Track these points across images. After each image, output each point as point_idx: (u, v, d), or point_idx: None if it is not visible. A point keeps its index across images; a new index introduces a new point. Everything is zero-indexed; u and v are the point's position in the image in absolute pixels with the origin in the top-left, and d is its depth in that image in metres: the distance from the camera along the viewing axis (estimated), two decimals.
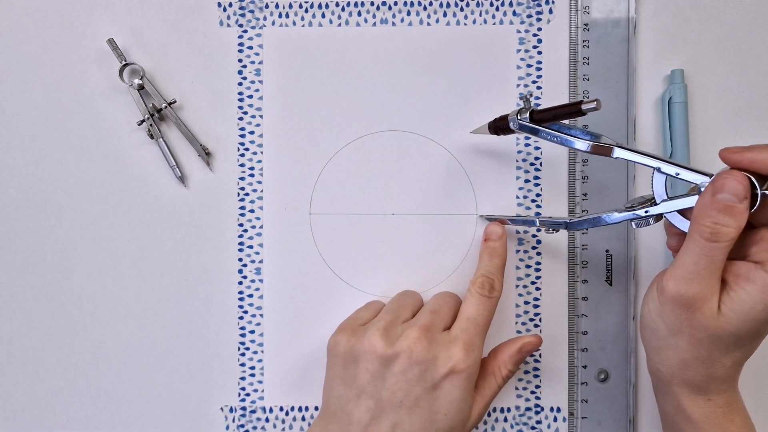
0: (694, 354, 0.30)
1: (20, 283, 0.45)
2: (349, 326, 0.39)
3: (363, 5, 0.45)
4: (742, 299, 0.28)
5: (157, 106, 0.44)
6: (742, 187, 0.28)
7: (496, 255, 0.40)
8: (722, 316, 0.28)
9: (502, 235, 0.41)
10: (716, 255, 0.28)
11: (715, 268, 0.28)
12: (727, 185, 0.28)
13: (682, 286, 0.29)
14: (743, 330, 0.28)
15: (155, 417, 0.45)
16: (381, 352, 0.35)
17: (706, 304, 0.29)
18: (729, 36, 0.45)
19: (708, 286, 0.29)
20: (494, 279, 0.39)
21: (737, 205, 0.28)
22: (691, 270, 0.29)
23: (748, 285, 0.28)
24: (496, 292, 0.38)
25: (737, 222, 0.28)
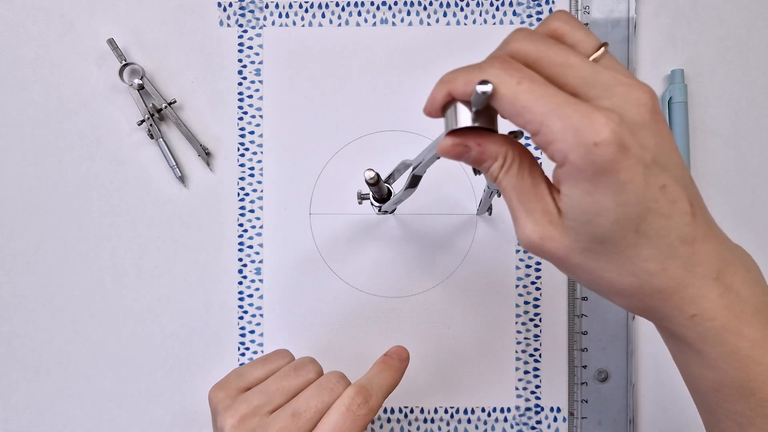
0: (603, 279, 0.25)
1: (20, 283, 0.45)
2: (230, 385, 0.36)
3: (363, 5, 0.45)
4: (569, 204, 0.24)
5: (157, 106, 0.44)
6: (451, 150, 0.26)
7: (389, 370, 0.36)
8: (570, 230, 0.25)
9: (405, 358, 0.37)
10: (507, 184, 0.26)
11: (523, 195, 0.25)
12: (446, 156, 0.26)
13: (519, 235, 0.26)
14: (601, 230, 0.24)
15: (155, 417, 0.45)
16: None
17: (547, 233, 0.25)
18: (729, 36, 0.45)
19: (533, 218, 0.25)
20: (371, 393, 0.33)
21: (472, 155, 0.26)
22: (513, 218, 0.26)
23: (563, 187, 0.24)
24: (368, 409, 0.33)
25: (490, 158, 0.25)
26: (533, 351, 0.45)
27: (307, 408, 0.33)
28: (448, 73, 0.25)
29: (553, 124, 0.22)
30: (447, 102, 0.25)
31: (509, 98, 0.23)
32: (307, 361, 0.36)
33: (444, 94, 0.25)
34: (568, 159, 0.23)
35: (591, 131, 0.22)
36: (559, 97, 0.23)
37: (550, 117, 0.22)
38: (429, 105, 0.26)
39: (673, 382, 0.45)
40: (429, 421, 0.45)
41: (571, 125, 0.22)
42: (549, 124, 0.23)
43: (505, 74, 0.23)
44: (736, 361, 0.25)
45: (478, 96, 0.23)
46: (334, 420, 0.32)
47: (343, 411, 0.33)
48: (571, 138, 0.22)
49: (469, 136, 0.25)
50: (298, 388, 0.35)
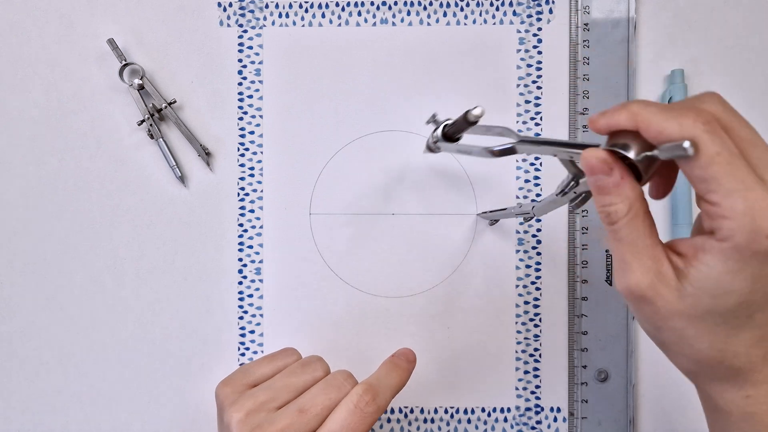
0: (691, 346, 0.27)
1: (20, 283, 0.45)
2: (237, 381, 0.36)
3: (363, 5, 0.45)
4: (704, 273, 0.25)
5: (157, 106, 0.44)
6: (599, 163, 0.26)
7: (396, 370, 0.36)
8: (689, 296, 0.25)
9: (412, 360, 0.37)
10: (626, 236, 0.26)
11: (638, 249, 0.26)
12: (585, 165, 0.26)
13: (622, 281, 0.27)
14: (723, 306, 0.25)
15: (155, 417, 0.45)
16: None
17: (657, 288, 0.26)
18: (729, 36, 0.45)
19: (645, 268, 0.26)
20: (379, 391, 0.34)
21: (606, 181, 0.26)
22: (619, 261, 0.27)
23: (705, 256, 0.25)
24: (376, 407, 0.33)
25: (620, 196, 0.26)
26: (533, 351, 0.45)
27: (314, 404, 0.33)
28: (639, 107, 0.25)
29: (736, 203, 0.23)
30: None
31: (704, 164, 0.24)
32: (315, 359, 0.37)
33: (630, 125, 0.25)
34: (733, 238, 0.24)
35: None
36: (749, 179, 0.23)
37: (735, 195, 0.23)
38: (604, 126, 0.26)
39: (673, 382, 0.45)
40: (429, 421, 0.45)
41: (751, 209, 0.23)
42: (732, 201, 0.23)
43: (708, 137, 0.24)
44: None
45: (675, 150, 0.23)
46: (341, 417, 0.33)
47: (351, 408, 0.33)
48: (747, 222, 0.23)
49: (619, 163, 0.26)
50: (305, 386, 0.35)
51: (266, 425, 0.33)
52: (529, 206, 0.38)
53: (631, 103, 0.26)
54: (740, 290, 0.25)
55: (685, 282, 0.25)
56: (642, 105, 0.25)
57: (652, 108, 0.25)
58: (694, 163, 0.24)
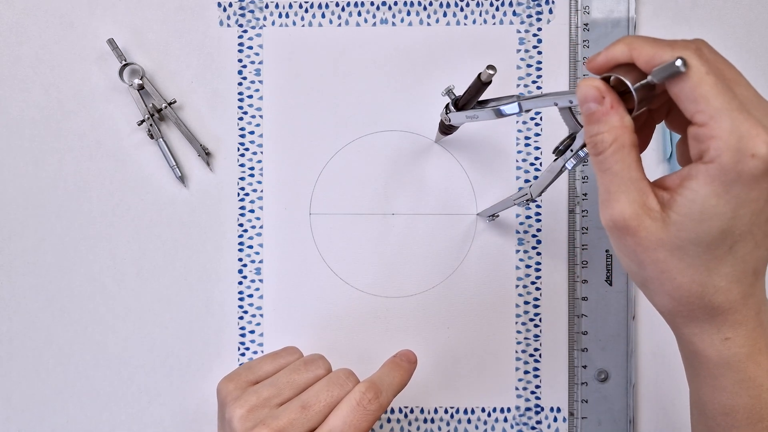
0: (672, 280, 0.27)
1: (20, 283, 0.45)
2: (240, 378, 0.36)
3: (363, 5, 0.45)
4: (690, 199, 0.25)
5: (157, 106, 0.44)
6: (592, 89, 0.26)
7: (398, 370, 0.36)
8: (673, 224, 0.25)
9: (413, 361, 0.38)
10: (611, 166, 0.26)
11: (624, 180, 0.26)
12: (579, 94, 0.26)
13: (606, 212, 0.27)
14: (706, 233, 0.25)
15: (155, 417, 0.45)
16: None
17: (641, 218, 0.26)
18: (729, 36, 0.45)
19: (630, 199, 0.26)
20: (381, 390, 0.34)
21: (597, 108, 0.26)
22: (604, 192, 0.27)
23: (691, 182, 0.25)
24: (378, 405, 0.33)
25: (607, 125, 0.26)
26: (533, 351, 0.45)
27: (317, 401, 0.33)
28: (633, 38, 0.26)
29: (723, 122, 0.24)
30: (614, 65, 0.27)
31: (694, 83, 0.24)
32: (317, 357, 0.37)
33: (625, 56, 0.26)
34: (718, 158, 0.24)
35: (754, 142, 0.23)
36: (735, 102, 0.24)
37: (723, 115, 0.24)
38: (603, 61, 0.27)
39: (673, 382, 0.45)
40: (429, 421, 0.45)
41: (737, 129, 0.23)
42: (719, 120, 0.24)
43: (698, 60, 0.24)
44: (751, 388, 0.28)
45: (667, 69, 0.24)
46: (344, 414, 0.33)
47: (353, 405, 0.33)
48: (734, 141, 0.23)
49: (611, 92, 0.26)
50: (307, 383, 0.35)
51: (269, 420, 0.33)
52: (527, 188, 0.38)
53: (626, 36, 0.27)
54: (724, 215, 0.25)
55: (670, 211, 0.26)
56: (635, 36, 0.26)
57: (646, 38, 0.26)
58: (684, 83, 0.24)
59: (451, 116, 0.38)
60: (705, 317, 0.27)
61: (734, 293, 0.27)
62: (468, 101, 0.36)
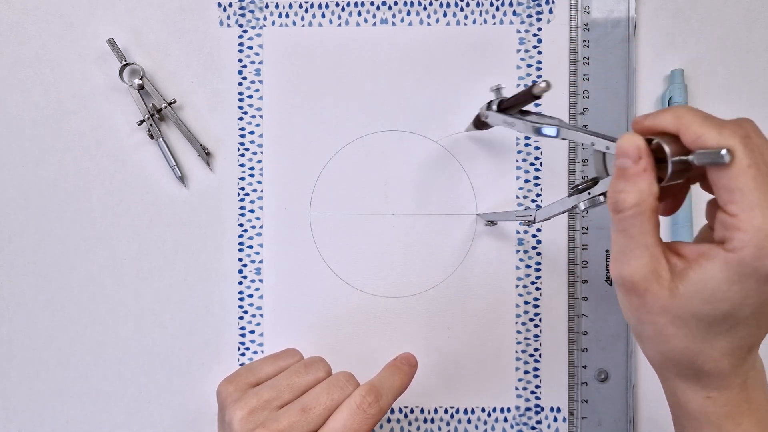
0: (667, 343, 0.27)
1: (20, 283, 0.45)
2: (240, 379, 0.36)
3: (363, 5, 0.45)
4: (702, 278, 0.25)
5: (157, 106, 0.44)
6: (632, 147, 0.26)
7: (399, 373, 0.36)
8: (680, 297, 0.26)
9: (414, 364, 0.38)
10: (629, 227, 0.26)
11: (639, 243, 0.26)
12: (619, 146, 0.26)
13: (617, 269, 0.27)
14: (710, 313, 0.25)
15: (155, 417, 0.45)
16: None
17: (649, 283, 0.26)
18: (729, 36, 0.45)
19: (641, 263, 0.26)
20: (381, 393, 0.34)
21: (630, 167, 0.26)
22: (617, 250, 0.27)
23: (707, 263, 0.25)
24: (378, 408, 0.33)
25: (635, 186, 0.26)
26: (533, 351, 0.45)
27: (317, 404, 0.34)
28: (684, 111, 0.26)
29: (754, 218, 0.24)
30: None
31: (733, 174, 0.24)
32: (318, 360, 0.37)
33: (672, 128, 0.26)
34: (741, 251, 0.24)
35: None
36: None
37: (755, 210, 0.24)
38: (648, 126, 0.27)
39: None
40: (429, 421, 0.45)
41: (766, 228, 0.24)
42: (750, 216, 0.24)
43: (744, 149, 0.24)
44: None
45: (711, 156, 0.24)
46: (344, 417, 0.33)
47: (353, 409, 0.33)
48: (761, 240, 0.24)
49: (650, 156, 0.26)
50: (307, 386, 0.35)
51: (269, 423, 0.33)
52: (532, 210, 0.38)
53: (676, 107, 0.26)
54: (731, 301, 0.25)
55: (680, 283, 0.26)
56: (686, 109, 0.26)
57: (696, 113, 0.26)
58: (724, 171, 0.24)
59: (490, 115, 0.38)
60: (691, 377, 0.29)
61: (725, 364, 0.28)
62: (511, 106, 0.36)
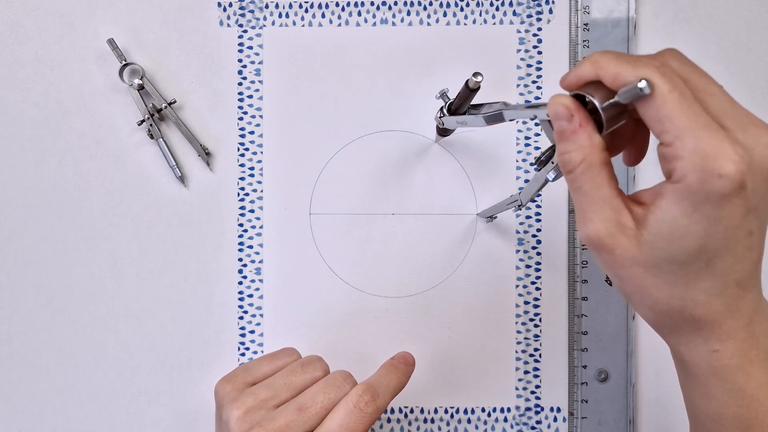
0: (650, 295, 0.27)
1: (20, 283, 0.45)
2: (237, 379, 0.36)
3: (363, 5, 0.45)
4: (660, 218, 0.25)
5: (157, 106, 0.44)
6: (560, 107, 0.26)
7: (396, 372, 0.36)
8: (646, 244, 0.25)
9: (411, 363, 0.37)
10: (582, 184, 0.26)
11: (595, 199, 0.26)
12: (549, 111, 0.26)
13: (581, 231, 0.27)
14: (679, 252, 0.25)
15: (155, 417, 0.45)
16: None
17: (614, 238, 0.26)
18: (729, 36, 0.45)
19: (602, 217, 0.26)
20: (378, 392, 0.34)
21: (566, 127, 0.26)
22: (578, 211, 0.27)
23: (661, 201, 0.24)
24: (375, 408, 0.33)
25: (576, 143, 0.25)
26: (533, 351, 0.45)
27: (313, 403, 0.33)
28: (599, 55, 0.26)
29: (688, 142, 0.23)
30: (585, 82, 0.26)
31: (657, 103, 0.24)
32: (315, 359, 0.37)
33: (592, 75, 0.26)
34: (685, 178, 0.23)
35: (720, 161, 0.23)
36: (701, 119, 0.23)
37: (687, 134, 0.23)
38: (573, 80, 0.27)
39: (673, 382, 0.45)
40: (429, 421, 0.45)
41: (702, 149, 0.23)
42: (684, 140, 0.23)
43: (661, 77, 0.24)
44: (741, 398, 0.27)
45: (631, 91, 0.23)
46: (341, 416, 0.33)
47: (350, 408, 0.33)
48: (699, 161, 0.23)
49: (580, 110, 0.26)
50: (304, 385, 0.35)
51: (266, 422, 0.33)
52: (517, 194, 0.38)
53: (593, 53, 0.26)
54: (696, 234, 0.24)
55: (643, 230, 0.25)
56: (601, 53, 0.26)
57: (610, 54, 0.26)
58: (649, 103, 0.24)
59: (444, 120, 0.39)
60: (690, 329, 0.27)
61: (716, 306, 0.26)
62: (459, 106, 0.37)
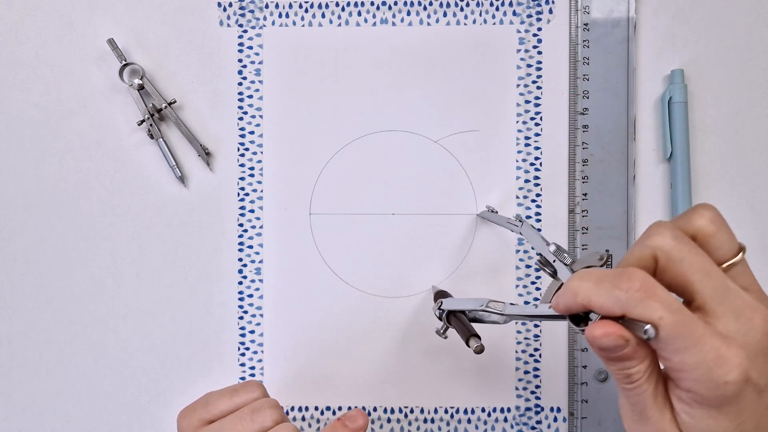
0: None
1: (20, 283, 0.45)
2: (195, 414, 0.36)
3: (363, 5, 0.45)
4: (689, 423, 0.25)
5: (157, 106, 0.44)
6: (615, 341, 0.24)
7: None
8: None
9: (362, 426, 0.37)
10: (644, 390, 0.26)
11: (654, 400, 0.26)
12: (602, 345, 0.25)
13: (636, 429, 0.27)
14: None
15: (155, 417, 0.45)
16: None
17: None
18: (729, 36, 0.45)
19: (660, 419, 0.26)
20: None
21: (628, 351, 0.25)
22: (631, 411, 0.27)
23: (683, 406, 0.25)
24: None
25: (639, 358, 0.25)
26: (533, 351, 0.45)
27: None
28: (577, 282, 0.25)
29: (688, 359, 0.23)
30: None
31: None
32: (267, 406, 0.36)
33: (579, 307, 0.25)
34: (696, 390, 0.24)
35: (724, 371, 0.23)
36: (696, 331, 0.23)
37: (686, 353, 0.23)
38: (563, 309, 0.26)
39: None
40: (429, 421, 0.45)
41: (705, 362, 0.23)
42: (684, 358, 0.23)
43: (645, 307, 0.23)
44: None
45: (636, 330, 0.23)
46: None
47: None
48: (704, 375, 0.23)
49: (630, 334, 0.25)
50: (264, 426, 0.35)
51: None
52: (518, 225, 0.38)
53: (570, 280, 0.25)
54: (728, 429, 0.24)
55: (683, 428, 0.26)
56: (578, 280, 0.25)
57: (587, 283, 0.25)
58: None
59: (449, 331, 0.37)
60: None
61: None
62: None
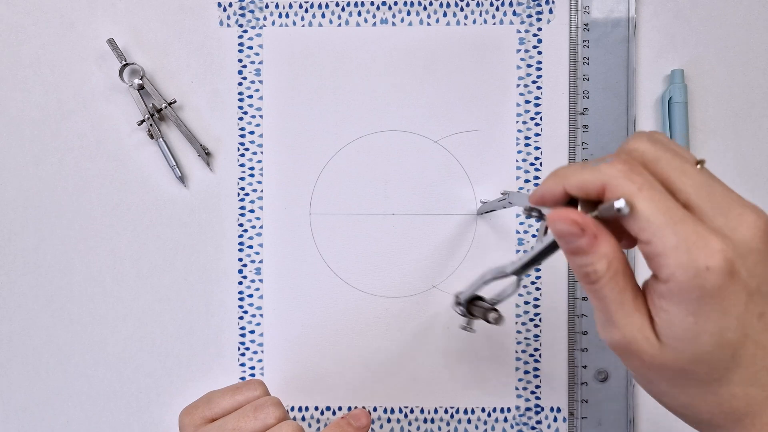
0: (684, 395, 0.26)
1: (20, 283, 0.45)
2: (197, 412, 0.36)
3: (363, 5, 0.45)
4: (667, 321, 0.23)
5: (157, 106, 0.44)
6: (568, 226, 0.24)
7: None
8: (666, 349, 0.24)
9: (365, 425, 0.36)
10: (608, 294, 0.24)
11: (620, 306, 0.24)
12: (555, 231, 0.24)
13: (605, 335, 0.26)
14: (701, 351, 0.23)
15: (155, 417, 0.45)
16: None
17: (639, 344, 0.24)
18: (729, 36, 0.45)
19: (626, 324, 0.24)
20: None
21: (583, 242, 0.24)
22: (599, 317, 0.26)
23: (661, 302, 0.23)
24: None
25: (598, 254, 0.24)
26: (533, 351, 0.45)
27: None
28: (563, 169, 0.25)
29: (667, 238, 0.22)
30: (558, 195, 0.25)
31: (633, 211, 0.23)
32: (270, 404, 0.36)
33: (559, 190, 0.25)
34: (674, 276, 0.22)
35: (704, 254, 0.22)
36: (677, 213, 0.22)
37: (665, 230, 0.22)
38: (538, 198, 0.26)
39: None
40: (429, 421, 0.45)
41: (684, 243, 0.22)
42: (662, 237, 0.22)
43: (626, 179, 0.23)
44: None
45: (609, 210, 0.22)
46: None
47: None
48: (683, 257, 0.22)
49: (590, 220, 0.24)
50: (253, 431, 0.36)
51: None
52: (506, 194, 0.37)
53: (557, 169, 0.25)
54: (709, 331, 0.23)
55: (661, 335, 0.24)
56: (564, 166, 0.25)
57: (573, 165, 0.25)
58: None
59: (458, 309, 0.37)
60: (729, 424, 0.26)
61: (753, 395, 0.25)
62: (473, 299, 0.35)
